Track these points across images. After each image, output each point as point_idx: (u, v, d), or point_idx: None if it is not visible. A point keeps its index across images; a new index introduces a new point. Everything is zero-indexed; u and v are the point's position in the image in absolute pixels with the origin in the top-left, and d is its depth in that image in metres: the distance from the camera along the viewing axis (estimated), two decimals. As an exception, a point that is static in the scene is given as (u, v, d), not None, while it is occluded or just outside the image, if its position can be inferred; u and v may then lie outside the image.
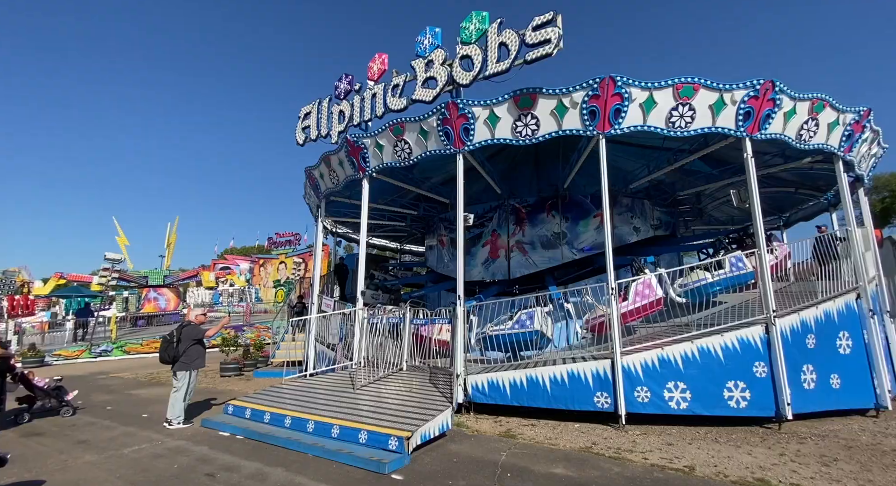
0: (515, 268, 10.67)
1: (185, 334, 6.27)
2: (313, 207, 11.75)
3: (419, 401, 5.71)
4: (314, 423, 5.23)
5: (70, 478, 4.10)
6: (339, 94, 8.58)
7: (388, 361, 7.24)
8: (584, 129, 6.19)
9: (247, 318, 21.85)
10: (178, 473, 4.21)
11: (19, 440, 5.42)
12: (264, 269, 31.15)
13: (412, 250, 19.37)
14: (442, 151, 7.10)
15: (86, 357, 14.85)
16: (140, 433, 5.68)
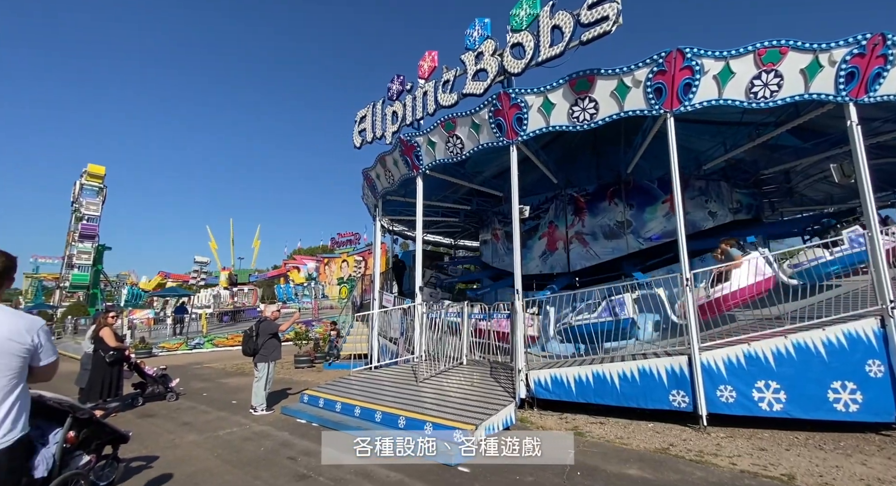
0: (575, 260, 10.27)
1: (262, 329, 6.83)
2: (371, 206, 12.21)
3: (481, 395, 5.71)
4: (381, 414, 5.44)
5: (178, 455, 4.66)
6: (391, 95, 8.78)
7: (448, 355, 7.33)
8: (650, 108, 5.75)
9: (315, 313, 23.36)
10: (265, 455, 4.61)
11: (136, 421, 6.26)
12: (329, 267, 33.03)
13: (466, 246, 19.44)
14: (494, 143, 6.99)
15: (183, 350, 16.79)
16: (231, 418, 6.30)
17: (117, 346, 6.85)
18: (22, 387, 2.00)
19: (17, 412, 1.95)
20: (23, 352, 1.97)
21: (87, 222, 17.84)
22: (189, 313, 20.34)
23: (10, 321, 1.98)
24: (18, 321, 2.01)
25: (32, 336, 2.01)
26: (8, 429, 1.91)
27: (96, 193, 18.38)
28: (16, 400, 1.95)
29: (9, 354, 1.93)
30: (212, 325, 21.70)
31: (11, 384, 1.95)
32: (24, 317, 2.06)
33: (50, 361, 2.10)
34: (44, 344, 2.05)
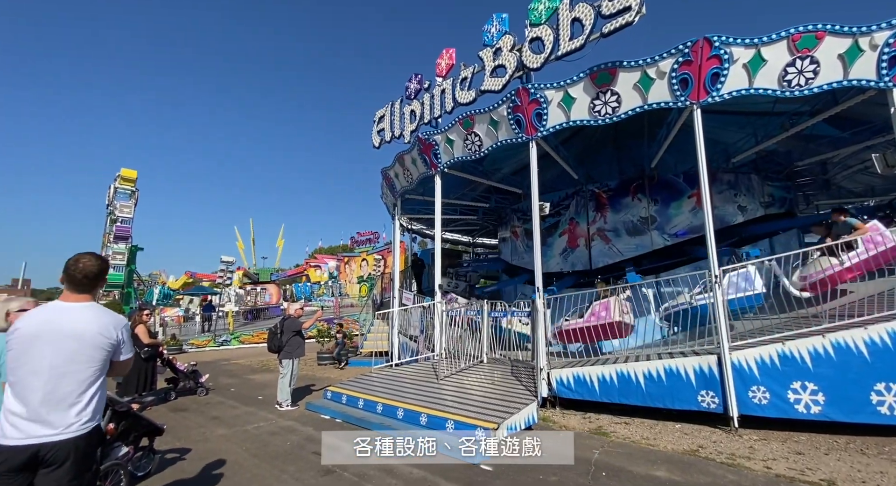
0: (597, 257, 10.07)
1: (286, 327, 6.98)
2: (390, 206, 12.30)
3: (502, 394, 5.69)
4: (403, 410, 5.49)
5: (209, 448, 4.82)
6: (409, 94, 8.81)
7: (468, 353, 7.32)
8: (675, 100, 5.57)
9: (336, 311, 23.75)
10: (291, 449, 4.72)
11: (169, 414, 6.51)
12: (349, 266, 33.51)
13: (484, 244, 19.35)
14: (513, 139, 6.93)
15: (211, 346, 17.36)
16: (258, 413, 6.48)
17: (151, 342, 7.14)
18: (103, 379, 2.14)
19: (98, 402, 2.11)
20: (108, 347, 2.13)
21: (121, 224, 18.63)
22: (216, 311, 21.02)
23: (100, 318, 2.15)
24: (107, 319, 2.17)
25: (118, 333, 2.17)
26: (89, 417, 2.06)
27: (129, 195, 19.17)
28: (97, 391, 2.09)
29: (97, 347, 2.09)
30: (237, 322, 22.37)
31: (95, 376, 2.09)
32: (112, 315, 2.21)
33: (128, 357, 2.26)
34: (125, 341, 2.21)
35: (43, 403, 1.98)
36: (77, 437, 2.01)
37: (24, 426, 1.95)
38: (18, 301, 2.95)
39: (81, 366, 2.06)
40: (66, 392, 2.01)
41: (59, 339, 2.05)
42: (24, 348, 2.03)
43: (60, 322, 2.08)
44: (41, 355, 2.02)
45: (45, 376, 2.00)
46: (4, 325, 2.82)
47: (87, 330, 2.09)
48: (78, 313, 2.12)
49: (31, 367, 2.01)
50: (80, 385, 2.05)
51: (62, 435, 1.97)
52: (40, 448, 1.94)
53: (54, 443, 1.96)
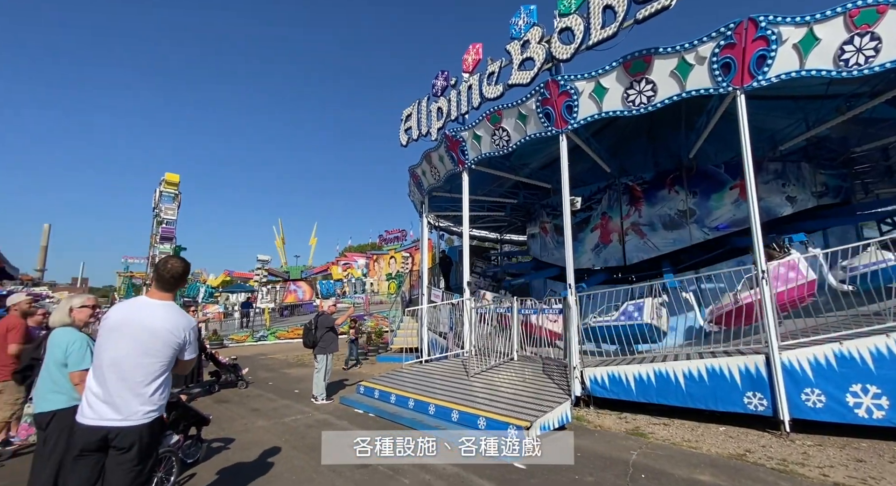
0: (632, 252, 9.74)
1: (320, 323, 7.18)
2: (417, 203, 12.38)
3: (533, 391, 5.61)
4: (434, 406, 5.52)
5: (251, 438, 5.04)
6: (436, 91, 8.81)
7: (497, 350, 7.27)
8: (716, 86, 5.27)
9: (366, 308, 24.23)
10: (327, 441, 4.86)
11: (213, 405, 6.86)
12: (377, 264, 34.08)
13: (512, 240, 19.15)
14: (543, 133, 6.79)
15: (249, 341, 18.14)
16: (294, 406, 6.71)
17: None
18: (168, 374, 2.33)
19: (161, 395, 2.30)
20: (176, 345, 2.31)
21: (166, 226, 19.75)
22: (254, 308, 21.94)
23: (174, 318, 2.33)
24: (180, 320, 2.35)
25: (186, 334, 2.35)
26: (153, 407, 2.25)
27: (172, 198, 20.26)
28: (162, 384, 2.29)
29: (166, 344, 2.27)
30: (273, 319, 23.25)
31: (162, 370, 2.28)
32: (185, 317, 2.40)
33: (192, 357, 2.44)
34: (191, 342, 2.39)
35: (115, 388, 2.19)
36: (142, 425, 2.19)
37: (98, 407, 2.18)
38: (80, 298, 3.19)
39: (151, 359, 2.24)
40: (135, 382, 2.21)
41: (136, 332, 2.25)
42: (107, 337, 2.27)
43: (140, 317, 2.29)
44: (118, 346, 2.24)
45: (120, 365, 2.21)
46: (69, 320, 3.05)
47: (161, 327, 2.27)
48: (156, 311, 2.32)
49: (110, 355, 2.23)
50: (148, 377, 2.23)
51: (128, 422, 2.17)
52: (109, 432, 2.16)
53: (121, 428, 2.16)
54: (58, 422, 2.89)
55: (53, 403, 2.92)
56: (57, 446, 2.87)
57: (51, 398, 2.93)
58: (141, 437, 2.19)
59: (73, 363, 2.87)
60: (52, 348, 2.96)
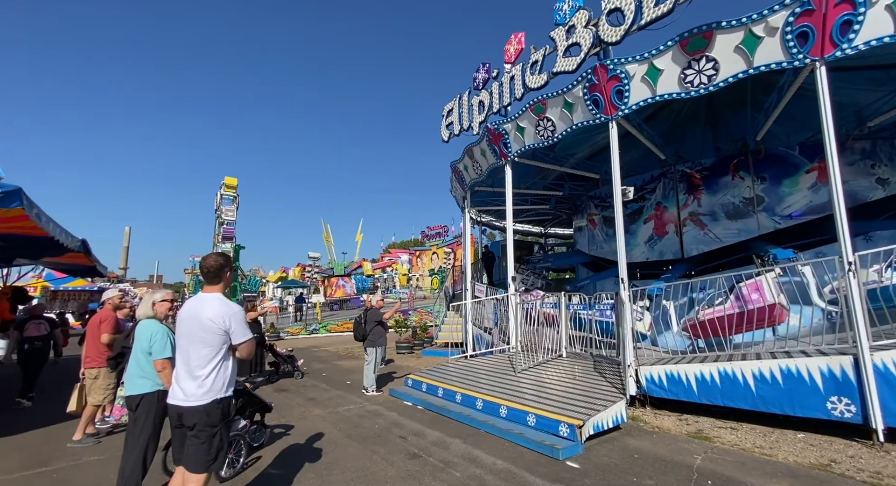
0: (691, 245, 9.12)
1: (369, 317, 7.40)
2: (459, 199, 12.38)
3: (585, 390, 5.44)
4: (482, 401, 5.52)
5: (309, 426, 5.32)
6: (477, 84, 8.73)
7: (545, 346, 7.12)
8: (791, 59, 4.76)
9: (410, 303, 24.72)
10: (379, 432, 5.01)
11: (273, 394, 7.30)
12: (420, 259, 34.59)
13: (557, 234, 18.65)
14: (590, 121, 6.50)
15: (303, 334, 19.16)
16: (347, 396, 6.99)
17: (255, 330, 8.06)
18: (222, 358, 2.55)
19: (215, 379, 2.52)
20: (218, 331, 2.53)
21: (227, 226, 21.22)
22: (306, 303, 23.13)
23: (216, 307, 2.55)
24: (221, 308, 2.56)
25: (225, 320, 2.53)
26: (207, 389, 2.50)
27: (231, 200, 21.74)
28: (214, 369, 2.53)
29: (209, 331, 2.51)
30: (324, 312, 24.38)
31: (211, 355, 2.51)
32: (227, 305, 2.60)
33: (242, 340, 2.59)
34: (234, 328, 2.56)
35: (182, 373, 2.53)
36: (201, 406, 2.47)
37: (174, 389, 2.54)
38: (160, 293, 3.51)
39: (201, 345, 2.51)
40: (192, 367, 2.51)
41: (191, 323, 2.54)
42: (178, 329, 2.63)
43: (194, 309, 2.58)
44: (181, 336, 2.58)
45: (183, 352, 2.55)
46: (152, 313, 3.37)
47: (205, 316, 2.52)
48: (204, 303, 2.58)
49: (180, 344, 2.59)
50: (201, 361, 2.50)
51: (190, 403, 2.48)
52: (180, 410, 2.49)
53: (186, 408, 2.48)
54: (145, 404, 3.21)
55: (141, 387, 3.24)
56: (145, 425, 3.19)
57: (138, 383, 3.25)
58: (202, 417, 2.46)
59: (156, 352, 3.17)
60: (139, 338, 3.29)
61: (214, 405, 2.49)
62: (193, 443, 2.46)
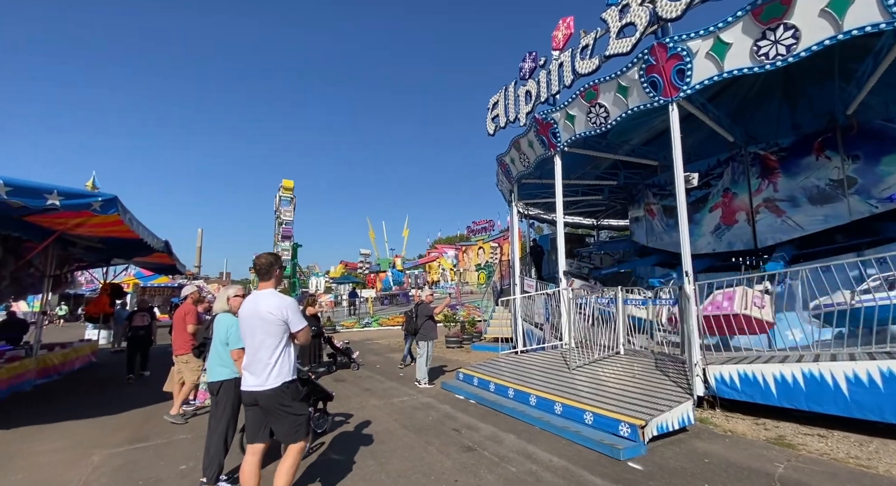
0: (766, 233, 8.31)
1: (420, 311, 7.55)
2: (506, 192, 12.21)
3: (646, 389, 5.16)
4: (536, 398, 5.43)
5: (366, 415, 5.55)
6: (524, 74, 8.51)
7: (600, 343, 6.85)
8: (891, 19, 4.14)
9: (458, 298, 24.90)
10: (433, 424, 5.11)
11: (332, 384, 7.70)
12: (466, 254, 34.67)
13: (610, 226, 17.83)
14: (648, 105, 6.11)
15: (357, 328, 19.99)
16: (400, 388, 7.20)
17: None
18: (284, 347, 2.83)
19: (282, 365, 2.80)
20: (280, 322, 2.78)
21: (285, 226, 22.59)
22: (359, 297, 24.11)
23: (273, 301, 2.81)
24: (277, 301, 2.82)
25: (282, 311, 2.79)
26: (277, 374, 2.77)
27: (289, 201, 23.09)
28: (280, 355, 2.80)
29: (272, 323, 2.76)
30: (375, 307, 25.26)
31: (277, 344, 2.77)
32: (282, 298, 2.88)
33: (299, 328, 2.86)
34: (291, 318, 2.83)
35: (253, 362, 2.79)
36: (273, 388, 2.74)
37: (248, 377, 2.81)
38: (233, 289, 3.82)
39: (268, 337, 2.77)
40: (263, 356, 2.76)
41: (253, 318, 2.80)
42: (242, 324, 2.89)
43: (255, 305, 2.83)
44: (247, 329, 2.83)
45: (252, 344, 2.79)
46: (227, 307, 3.68)
47: (265, 310, 2.77)
48: (262, 298, 2.84)
49: (247, 337, 2.84)
50: (269, 350, 2.77)
51: (264, 387, 2.74)
52: (255, 395, 2.76)
53: (260, 392, 2.74)
54: (225, 390, 3.52)
55: (220, 374, 3.56)
56: (226, 408, 3.50)
57: (218, 371, 3.57)
58: (276, 399, 2.73)
59: (231, 343, 3.46)
60: (217, 330, 3.60)
61: (284, 388, 2.76)
62: (277, 421, 2.74)
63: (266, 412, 2.76)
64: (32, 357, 7.77)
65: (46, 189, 4.36)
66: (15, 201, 4.29)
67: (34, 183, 4.33)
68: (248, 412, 2.86)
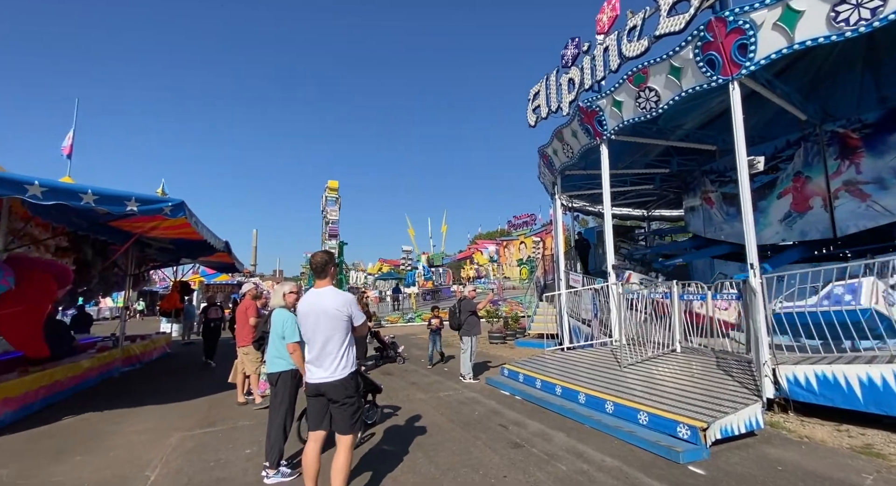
0: (846, 221, 7.47)
1: (463, 307, 7.56)
2: (548, 185, 11.90)
3: (707, 389, 4.84)
4: (585, 395, 5.27)
5: (413, 408, 5.66)
6: (566, 62, 8.21)
7: (654, 340, 6.51)
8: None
9: (499, 293, 24.69)
10: (479, 419, 5.12)
11: (380, 377, 7.92)
12: (507, 250, 34.22)
13: (662, 216, 16.83)
14: (705, 85, 5.68)
15: (401, 323, 20.46)
16: (445, 382, 7.27)
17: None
18: (349, 340, 2.98)
19: (347, 357, 2.94)
20: (345, 317, 2.93)
21: (332, 225, 23.51)
22: (402, 293, 24.62)
23: (336, 298, 2.96)
24: (340, 298, 2.98)
25: (347, 307, 2.95)
26: (344, 366, 2.92)
27: (335, 201, 24.00)
28: (345, 349, 2.97)
29: (338, 318, 2.91)
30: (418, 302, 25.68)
31: (342, 337, 2.93)
32: (343, 295, 3.05)
33: (361, 321, 3.03)
34: (354, 313, 2.99)
35: (319, 355, 2.93)
36: (338, 379, 2.89)
37: (313, 370, 2.96)
38: (289, 286, 4.03)
39: (334, 331, 2.91)
40: (330, 349, 2.91)
41: (318, 314, 2.93)
42: (303, 320, 3.01)
43: (318, 301, 2.97)
44: (311, 325, 2.96)
45: (319, 338, 2.92)
46: (283, 303, 3.89)
47: (331, 306, 2.91)
48: (324, 295, 2.98)
49: (310, 333, 2.97)
50: (336, 344, 2.91)
51: (330, 378, 2.89)
52: (321, 386, 2.91)
53: (327, 384, 2.89)
54: (283, 380, 3.73)
55: (278, 366, 3.77)
56: (283, 398, 3.71)
57: (276, 363, 3.79)
58: (342, 389, 2.89)
59: (287, 336, 3.65)
60: (274, 324, 3.82)
61: (349, 378, 2.92)
62: (339, 411, 2.88)
63: (330, 402, 2.91)
64: (118, 348, 8.68)
65: (126, 196, 4.83)
66: (101, 208, 4.79)
67: (116, 191, 4.81)
68: (311, 402, 3.00)
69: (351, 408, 2.89)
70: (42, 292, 5.89)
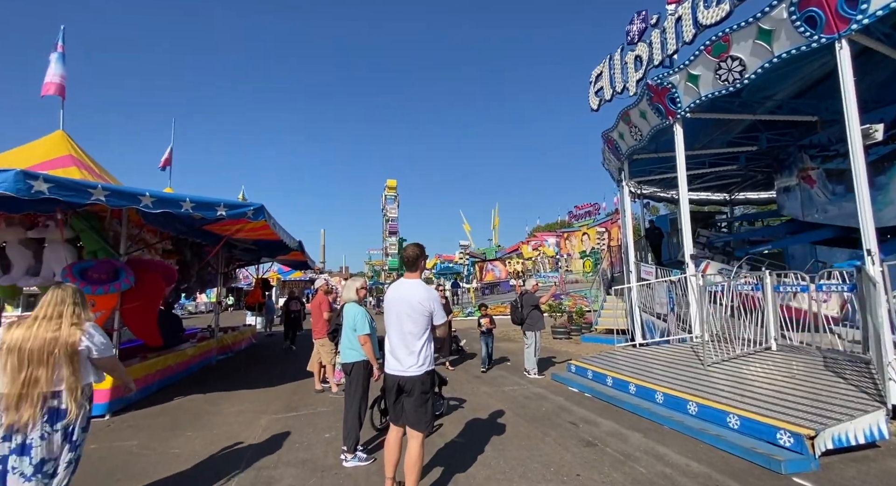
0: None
1: (525, 301, 7.41)
2: (614, 171, 11.23)
3: (811, 392, 4.27)
4: (663, 395, 4.92)
5: (479, 402, 5.69)
6: (631, 38, 7.64)
7: (744, 337, 5.87)
8: None
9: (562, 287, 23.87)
10: (547, 415, 5.00)
11: (443, 370, 8.06)
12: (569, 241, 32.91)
13: (748, 199, 15.13)
14: (803, 47, 4.97)
15: (460, 317, 20.61)
16: (509, 377, 7.20)
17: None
18: (428, 336, 2.94)
19: (425, 353, 2.91)
20: (426, 313, 2.86)
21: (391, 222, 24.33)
22: (461, 287, 24.81)
23: (420, 292, 2.90)
24: (425, 293, 2.91)
25: (430, 303, 2.89)
26: (421, 362, 2.86)
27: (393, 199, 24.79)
28: (423, 344, 2.90)
29: (419, 313, 2.85)
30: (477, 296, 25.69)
31: (421, 332, 2.87)
32: (429, 290, 2.99)
33: (441, 321, 2.96)
34: (436, 310, 2.93)
35: (397, 348, 2.92)
36: (416, 376, 2.85)
37: (392, 362, 2.96)
38: (359, 281, 4.24)
39: (412, 325, 2.87)
40: (406, 342, 2.88)
41: (401, 305, 2.92)
42: (388, 311, 3.01)
43: (404, 293, 2.94)
44: (393, 316, 2.95)
45: (397, 330, 2.93)
46: (354, 297, 4.09)
47: (414, 299, 2.87)
48: (410, 287, 2.95)
49: (392, 323, 2.95)
50: (414, 338, 2.87)
51: (408, 373, 2.86)
52: (399, 379, 2.89)
53: (406, 377, 2.86)
54: (356, 370, 3.94)
55: (351, 357, 3.98)
56: (357, 387, 3.92)
57: (349, 354, 4.00)
58: (419, 385, 2.85)
59: (359, 329, 3.84)
60: (346, 317, 4.04)
61: (427, 375, 2.88)
62: (414, 406, 2.83)
63: (407, 396, 2.87)
64: (214, 338, 9.76)
65: (216, 202, 5.39)
66: (197, 214, 5.40)
67: (208, 198, 5.38)
68: (389, 393, 2.98)
69: (425, 405, 2.83)
70: (154, 289, 6.79)
